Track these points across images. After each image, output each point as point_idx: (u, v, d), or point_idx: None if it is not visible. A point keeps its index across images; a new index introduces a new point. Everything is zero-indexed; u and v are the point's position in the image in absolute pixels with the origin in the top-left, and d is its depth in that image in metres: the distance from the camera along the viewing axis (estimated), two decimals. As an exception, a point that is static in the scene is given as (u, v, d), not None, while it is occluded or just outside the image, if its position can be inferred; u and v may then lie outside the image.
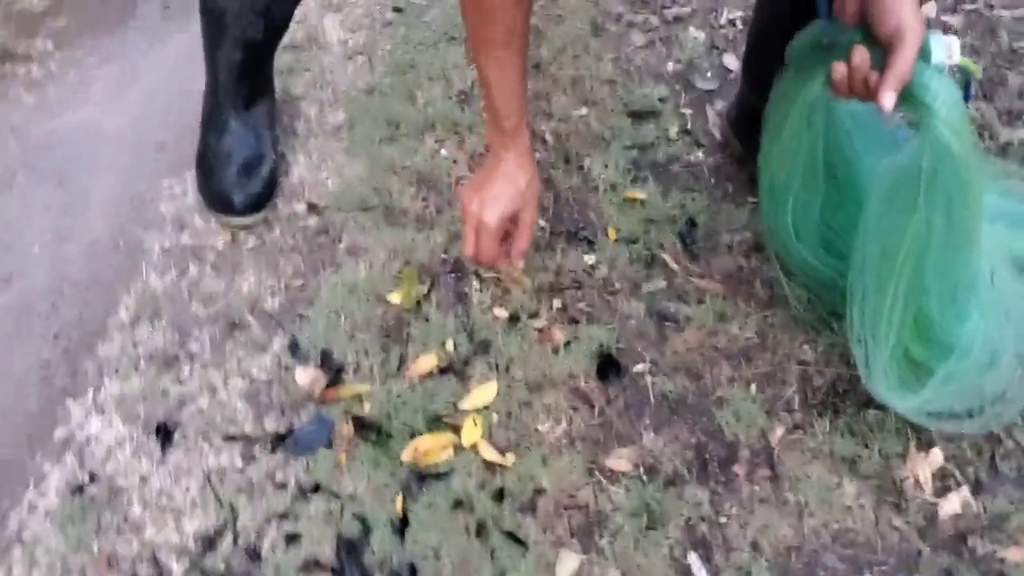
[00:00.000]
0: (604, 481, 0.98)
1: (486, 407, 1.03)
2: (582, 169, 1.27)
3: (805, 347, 1.09)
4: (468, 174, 1.27)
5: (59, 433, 1.02)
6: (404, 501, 0.96)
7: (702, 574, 0.91)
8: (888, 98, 0.78)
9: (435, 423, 1.02)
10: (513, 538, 0.93)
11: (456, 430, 1.01)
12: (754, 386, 1.06)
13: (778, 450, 1.00)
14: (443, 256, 1.17)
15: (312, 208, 1.23)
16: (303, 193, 1.25)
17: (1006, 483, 0.97)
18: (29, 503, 0.96)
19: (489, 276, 1.14)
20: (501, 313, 1.11)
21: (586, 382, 1.06)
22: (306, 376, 1.05)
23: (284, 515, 0.95)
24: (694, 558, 0.92)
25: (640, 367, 1.07)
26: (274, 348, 1.09)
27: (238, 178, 1.18)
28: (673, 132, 1.32)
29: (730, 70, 1.42)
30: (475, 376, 1.06)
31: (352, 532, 0.94)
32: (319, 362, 1.07)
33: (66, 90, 1.38)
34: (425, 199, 1.24)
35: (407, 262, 1.16)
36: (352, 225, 1.21)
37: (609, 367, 1.07)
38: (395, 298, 1.12)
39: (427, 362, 1.06)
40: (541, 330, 1.10)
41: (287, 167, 1.28)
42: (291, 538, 0.94)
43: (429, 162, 1.27)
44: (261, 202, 1.20)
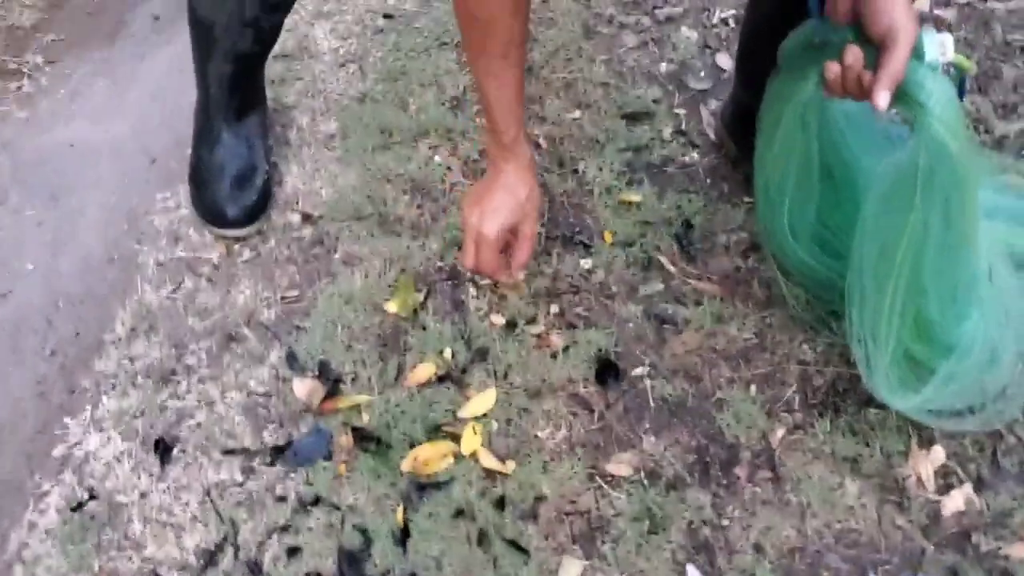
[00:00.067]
0: (605, 486, 0.97)
1: (485, 415, 1.03)
2: (576, 173, 1.27)
3: (804, 347, 1.08)
4: (463, 180, 1.26)
5: (57, 451, 1.02)
6: (405, 511, 0.95)
7: (704, 580, 0.90)
8: (882, 97, 0.77)
9: (434, 432, 1.01)
10: (515, 546, 0.93)
11: (456, 439, 1.00)
12: (754, 387, 1.05)
13: (779, 451, 1.00)
14: (439, 264, 1.17)
15: (306, 218, 1.23)
16: (297, 203, 1.25)
17: (1008, 479, 0.97)
18: (29, 522, 0.96)
19: (485, 283, 1.14)
20: (498, 320, 1.11)
21: (585, 387, 1.06)
22: (304, 388, 1.05)
23: (285, 528, 0.95)
24: (693, 570, 0.91)
25: (639, 371, 1.07)
26: (271, 360, 1.08)
27: (231, 190, 1.18)
28: (667, 133, 1.32)
29: (723, 69, 1.41)
30: (473, 384, 1.05)
31: (353, 544, 0.94)
32: (317, 373, 1.07)
33: (57, 105, 1.38)
34: (420, 206, 1.23)
35: (403, 270, 1.16)
36: (347, 234, 1.20)
37: (608, 371, 1.06)
38: (392, 307, 1.12)
39: (425, 371, 1.06)
40: (539, 336, 1.10)
41: (280, 177, 1.27)
42: (292, 551, 0.93)
43: (423, 169, 1.27)
44: (255, 213, 1.19)
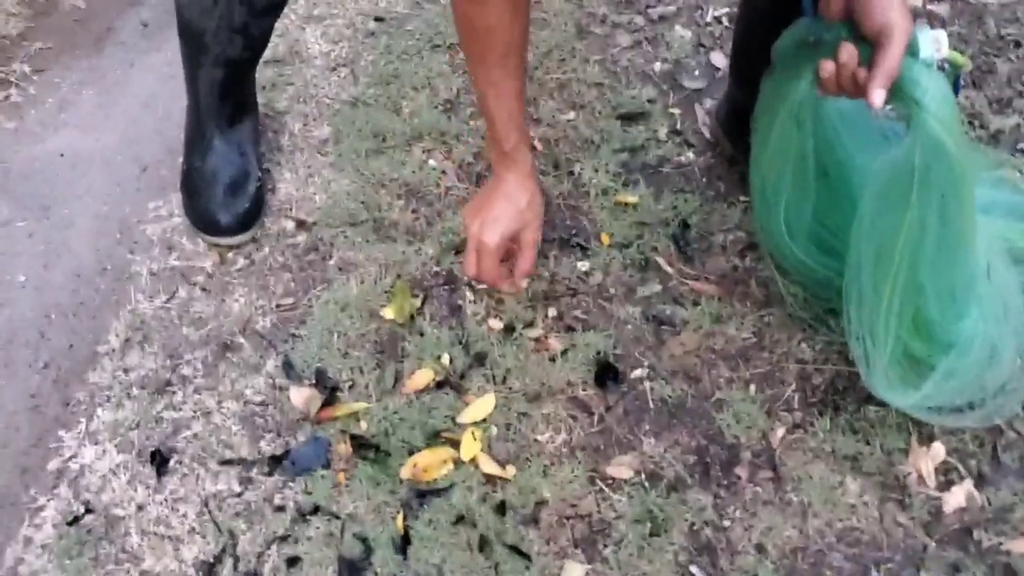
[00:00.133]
0: (606, 489, 0.97)
1: (484, 420, 1.02)
2: (572, 174, 1.26)
3: (803, 345, 1.08)
4: (457, 184, 1.26)
5: (52, 464, 1.01)
6: (405, 519, 0.95)
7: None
8: (877, 95, 0.77)
9: (433, 438, 1.01)
10: (516, 551, 0.92)
11: (455, 445, 1.00)
12: (753, 387, 1.05)
13: (779, 451, 1.00)
14: (435, 268, 1.16)
15: (300, 225, 1.22)
16: (291, 210, 1.24)
17: (1009, 475, 0.97)
18: (25, 537, 0.95)
19: (483, 287, 1.13)
20: (496, 324, 1.10)
21: (584, 390, 1.05)
22: (301, 396, 1.04)
23: (284, 538, 0.94)
24: (696, 571, 0.91)
25: (638, 372, 1.07)
26: (267, 369, 1.08)
27: (224, 198, 1.17)
28: (663, 133, 1.31)
29: (718, 68, 1.41)
30: (472, 389, 1.05)
31: (353, 553, 0.93)
32: (314, 381, 1.06)
33: (46, 114, 1.37)
34: (415, 211, 1.23)
35: (399, 276, 1.15)
36: (342, 241, 1.20)
37: (607, 374, 1.06)
38: (388, 313, 1.11)
39: (423, 377, 1.05)
40: (537, 339, 1.09)
41: (273, 184, 1.26)
42: (292, 561, 0.93)
43: (417, 174, 1.26)
44: (248, 221, 1.19)
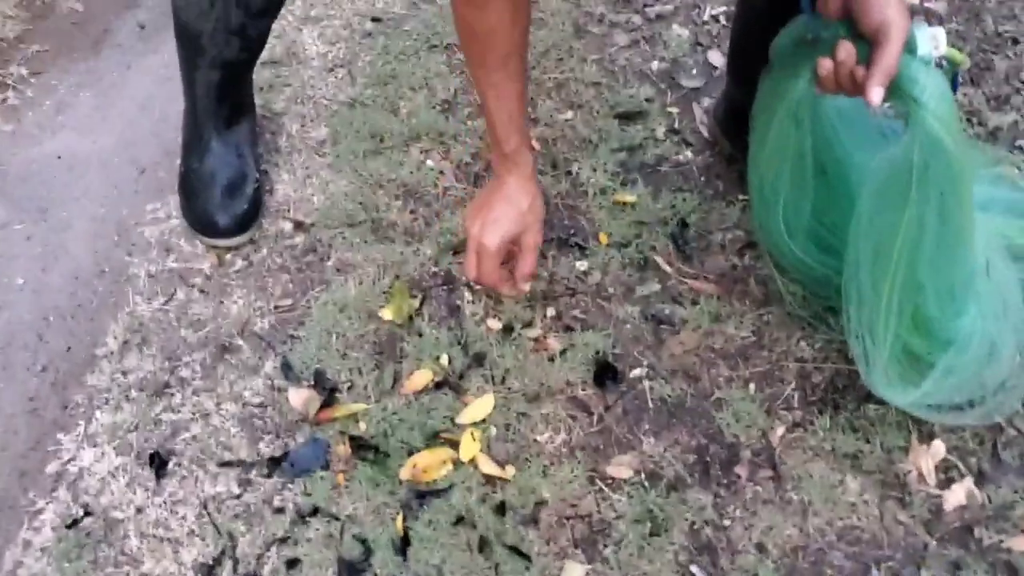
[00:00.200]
0: (606, 489, 0.97)
1: (484, 420, 1.02)
2: (570, 174, 1.26)
3: (802, 344, 1.08)
4: (455, 184, 1.25)
5: (51, 467, 1.00)
6: (404, 520, 0.95)
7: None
8: (876, 93, 0.77)
9: (433, 439, 1.01)
10: (517, 552, 0.92)
11: (454, 445, 1.00)
12: (752, 386, 1.05)
13: (779, 449, 0.99)
14: (434, 269, 1.16)
15: (298, 226, 1.22)
16: (289, 211, 1.23)
17: (1009, 472, 0.97)
18: (24, 540, 0.95)
19: (481, 287, 1.13)
20: (495, 324, 1.10)
21: (583, 390, 1.05)
22: (300, 397, 1.04)
23: (284, 540, 0.94)
24: (696, 571, 0.91)
25: (637, 372, 1.06)
26: (266, 370, 1.07)
27: (222, 199, 1.17)
28: (661, 132, 1.31)
29: (715, 67, 1.41)
30: (471, 389, 1.05)
31: (353, 554, 0.93)
32: (312, 382, 1.06)
33: (43, 117, 1.36)
34: (413, 212, 1.23)
35: (397, 276, 1.15)
36: (340, 241, 1.19)
37: (606, 373, 1.06)
38: (387, 314, 1.11)
39: (422, 377, 1.05)
40: (536, 339, 1.09)
41: (271, 185, 1.26)
42: (292, 563, 0.93)
43: (415, 174, 1.26)
44: (246, 222, 1.18)
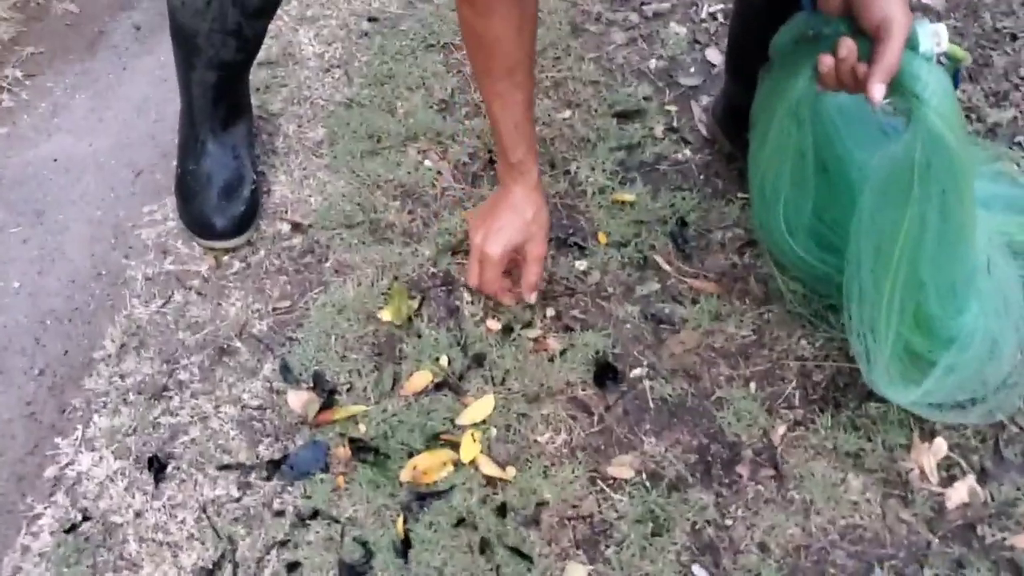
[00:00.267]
0: (607, 490, 0.97)
1: (484, 421, 1.02)
2: (569, 173, 1.25)
3: (803, 342, 1.08)
4: (453, 184, 1.25)
5: (49, 472, 1.00)
6: (405, 522, 0.94)
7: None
8: (878, 90, 0.77)
9: (433, 441, 1.00)
10: (518, 553, 0.92)
11: (454, 447, 0.99)
12: (753, 385, 1.04)
13: (781, 448, 0.99)
14: (432, 270, 1.16)
15: (296, 227, 1.21)
16: (286, 212, 1.23)
17: (1011, 469, 0.97)
18: (22, 545, 0.95)
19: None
20: (494, 325, 1.10)
21: (584, 390, 1.05)
22: (299, 400, 1.03)
23: (284, 543, 0.94)
24: (698, 571, 0.90)
25: (638, 372, 1.06)
26: (265, 372, 1.07)
27: (219, 201, 1.16)
28: (659, 131, 1.31)
29: (713, 65, 1.40)
30: (471, 390, 1.04)
31: (354, 557, 0.92)
32: (311, 384, 1.05)
33: (39, 119, 1.36)
34: (411, 212, 1.22)
35: (396, 278, 1.15)
36: (338, 243, 1.19)
37: (606, 373, 1.05)
38: (385, 315, 1.11)
39: (421, 379, 1.05)
40: (536, 340, 1.08)
41: (268, 186, 1.26)
42: (292, 566, 0.92)
43: (413, 174, 1.26)
44: (244, 224, 1.18)
